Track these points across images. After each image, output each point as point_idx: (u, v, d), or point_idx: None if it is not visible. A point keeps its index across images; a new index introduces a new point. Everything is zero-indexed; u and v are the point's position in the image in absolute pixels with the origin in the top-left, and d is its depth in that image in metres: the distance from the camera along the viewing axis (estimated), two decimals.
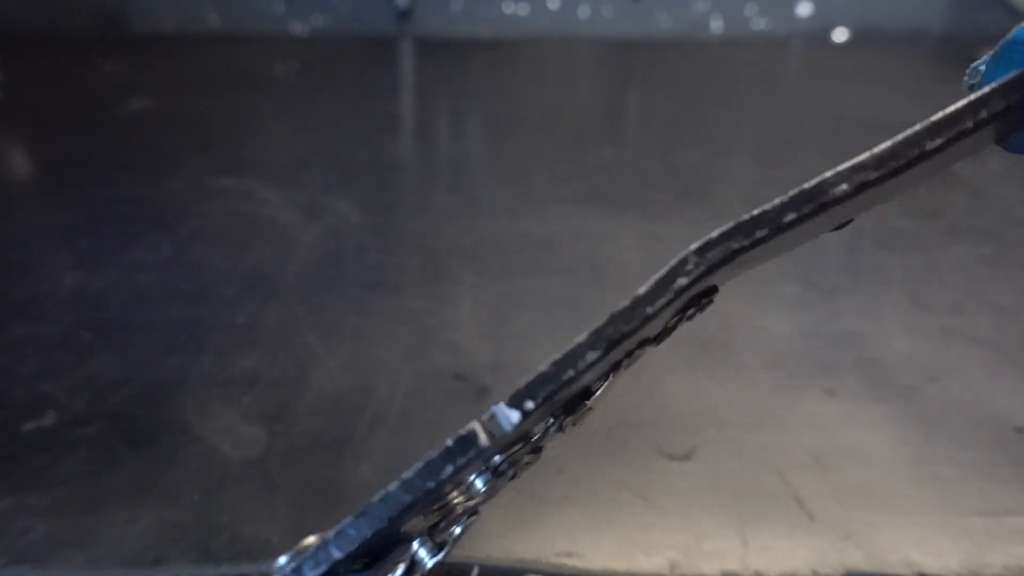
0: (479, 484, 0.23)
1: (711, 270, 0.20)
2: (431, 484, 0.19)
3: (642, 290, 0.20)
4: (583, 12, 1.24)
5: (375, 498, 0.20)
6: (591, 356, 0.19)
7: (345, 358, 0.49)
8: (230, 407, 0.45)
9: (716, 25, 1.25)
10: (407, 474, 0.20)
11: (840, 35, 1.23)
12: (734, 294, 0.57)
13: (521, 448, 0.23)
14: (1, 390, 0.46)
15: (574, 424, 0.23)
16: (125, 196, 0.71)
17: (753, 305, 0.56)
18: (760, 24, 1.24)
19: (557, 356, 0.20)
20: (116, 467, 0.40)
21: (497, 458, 0.23)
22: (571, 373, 0.19)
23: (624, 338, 0.20)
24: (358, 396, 0.46)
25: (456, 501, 0.23)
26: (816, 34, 1.24)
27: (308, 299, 0.55)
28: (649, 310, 0.20)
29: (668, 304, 0.20)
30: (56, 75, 1.03)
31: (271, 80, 1.05)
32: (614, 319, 0.20)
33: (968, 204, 0.71)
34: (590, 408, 0.22)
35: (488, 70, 1.13)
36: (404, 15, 1.21)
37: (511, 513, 0.38)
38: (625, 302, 0.20)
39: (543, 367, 0.20)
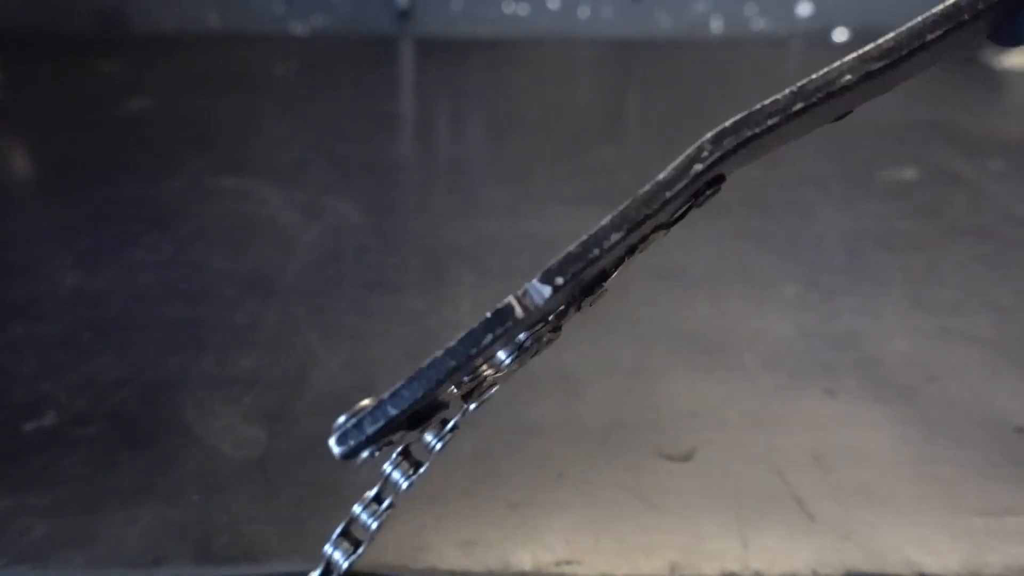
0: (507, 359, 0.25)
1: (725, 156, 0.22)
2: (473, 351, 0.22)
3: (662, 176, 0.22)
4: (583, 12, 1.24)
5: (424, 364, 0.22)
6: (615, 236, 0.21)
7: (345, 358, 0.49)
8: (230, 407, 0.45)
9: (716, 25, 1.25)
10: (450, 343, 0.22)
11: (840, 35, 1.23)
12: (734, 294, 0.57)
13: (544, 326, 0.25)
14: (1, 390, 0.46)
15: (591, 304, 0.24)
16: (125, 196, 0.71)
17: (753, 305, 0.56)
18: (760, 24, 1.24)
19: (584, 236, 0.21)
20: (116, 467, 0.40)
21: (523, 335, 0.24)
22: (596, 252, 0.21)
23: (645, 219, 0.21)
24: (358, 396, 0.45)
25: (487, 373, 0.25)
26: (816, 34, 1.24)
27: (308, 299, 0.55)
28: (668, 194, 0.22)
29: (685, 188, 0.22)
30: (56, 75, 1.03)
31: (271, 80, 1.05)
32: (636, 202, 0.21)
33: (968, 204, 0.71)
34: (606, 290, 0.24)
35: (488, 70, 1.13)
36: (404, 15, 1.21)
37: (511, 519, 0.38)
38: (647, 186, 0.21)
39: (571, 247, 0.21)
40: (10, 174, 0.80)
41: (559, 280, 0.21)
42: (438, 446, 0.26)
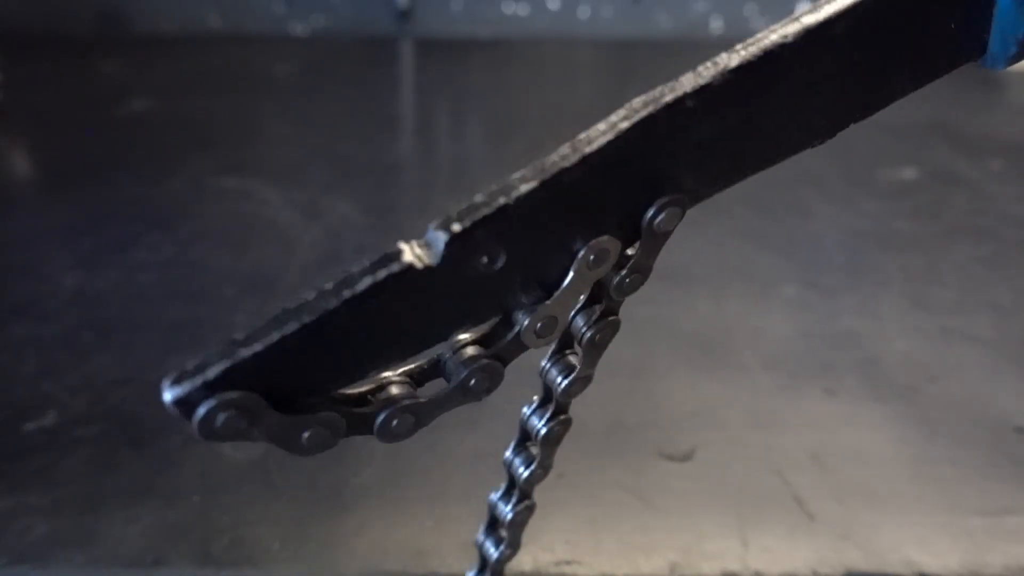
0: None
1: (646, 121, 0.22)
2: (347, 294, 0.19)
3: (584, 134, 0.21)
4: (583, 12, 1.24)
5: (290, 304, 0.19)
6: (525, 188, 0.20)
7: None
8: None
9: (716, 25, 1.25)
10: (325, 285, 0.20)
11: None
12: (734, 294, 0.57)
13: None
14: (1, 390, 0.46)
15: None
16: (125, 196, 0.71)
17: (753, 305, 0.56)
18: (760, 24, 1.24)
19: (492, 187, 0.21)
20: (116, 467, 0.40)
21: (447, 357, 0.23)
22: (502, 200, 0.20)
23: (561, 173, 0.20)
24: None
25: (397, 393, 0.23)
26: None
27: None
28: (588, 150, 0.21)
29: (608, 145, 0.21)
30: (56, 75, 1.03)
31: (271, 80, 1.05)
32: (554, 155, 0.21)
33: (968, 204, 0.71)
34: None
35: (488, 70, 1.13)
36: (404, 15, 1.21)
37: None
38: (565, 149, 0.21)
39: (478, 196, 0.21)
40: (10, 174, 0.80)
41: (456, 227, 0.20)
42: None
